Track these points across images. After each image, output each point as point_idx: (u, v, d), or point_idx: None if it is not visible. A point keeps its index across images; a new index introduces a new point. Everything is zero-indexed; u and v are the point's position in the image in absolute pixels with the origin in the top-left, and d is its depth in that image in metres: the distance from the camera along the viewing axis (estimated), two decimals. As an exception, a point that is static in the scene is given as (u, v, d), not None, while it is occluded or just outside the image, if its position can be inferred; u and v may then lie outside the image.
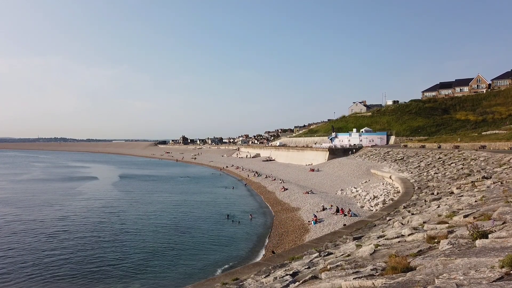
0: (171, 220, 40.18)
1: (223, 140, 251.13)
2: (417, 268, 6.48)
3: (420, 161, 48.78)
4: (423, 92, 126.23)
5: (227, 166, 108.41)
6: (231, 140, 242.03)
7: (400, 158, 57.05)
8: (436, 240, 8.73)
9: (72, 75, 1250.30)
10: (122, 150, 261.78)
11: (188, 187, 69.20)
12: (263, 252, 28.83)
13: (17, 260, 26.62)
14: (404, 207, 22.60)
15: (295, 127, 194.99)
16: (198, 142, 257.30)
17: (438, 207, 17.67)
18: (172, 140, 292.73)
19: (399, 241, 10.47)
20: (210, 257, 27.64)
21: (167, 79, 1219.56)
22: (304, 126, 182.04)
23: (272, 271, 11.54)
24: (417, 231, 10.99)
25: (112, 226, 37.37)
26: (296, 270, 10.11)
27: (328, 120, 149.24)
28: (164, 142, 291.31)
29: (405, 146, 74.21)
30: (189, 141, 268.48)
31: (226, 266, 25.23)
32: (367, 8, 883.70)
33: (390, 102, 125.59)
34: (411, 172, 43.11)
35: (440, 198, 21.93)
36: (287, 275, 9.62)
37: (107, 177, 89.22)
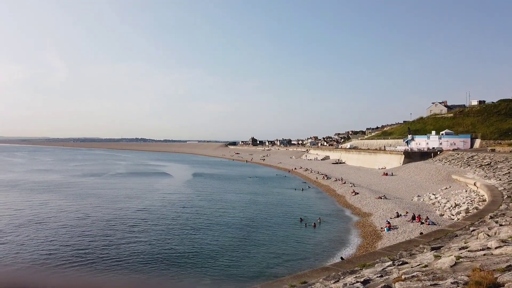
0: (241, 218, 41.15)
1: (292, 142, 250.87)
2: (505, 285, 5.92)
3: (511, 167, 44.03)
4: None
5: (295, 168, 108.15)
6: (300, 142, 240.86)
7: (486, 164, 52.05)
8: (529, 256, 7.86)
9: (152, 80, 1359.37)
10: (195, 150, 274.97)
11: (257, 187, 70.44)
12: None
13: (99, 249, 29.14)
14: (491, 217, 20.61)
15: (367, 129, 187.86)
16: (266, 143, 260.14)
17: (533, 219, 15.83)
18: (242, 141, 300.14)
19: (484, 254, 9.60)
20: (280, 259, 27.63)
21: (237, 82, 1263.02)
22: (377, 128, 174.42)
23: (342, 277, 11.29)
24: (505, 244, 9.98)
25: (185, 220, 39.46)
26: (368, 278, 9.77)
27: (404, 121, 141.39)
28: (234, 143, 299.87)
29: (493, 150, 67.41)
30: (258, 142, 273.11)
31: (296, 268, 25.01)
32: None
33: (475, 102, 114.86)
34: (500, 179, 39.15)
35: (535, 209, 19.61)
36: (357, 282, 9.35)
37: (182, 175, 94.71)
